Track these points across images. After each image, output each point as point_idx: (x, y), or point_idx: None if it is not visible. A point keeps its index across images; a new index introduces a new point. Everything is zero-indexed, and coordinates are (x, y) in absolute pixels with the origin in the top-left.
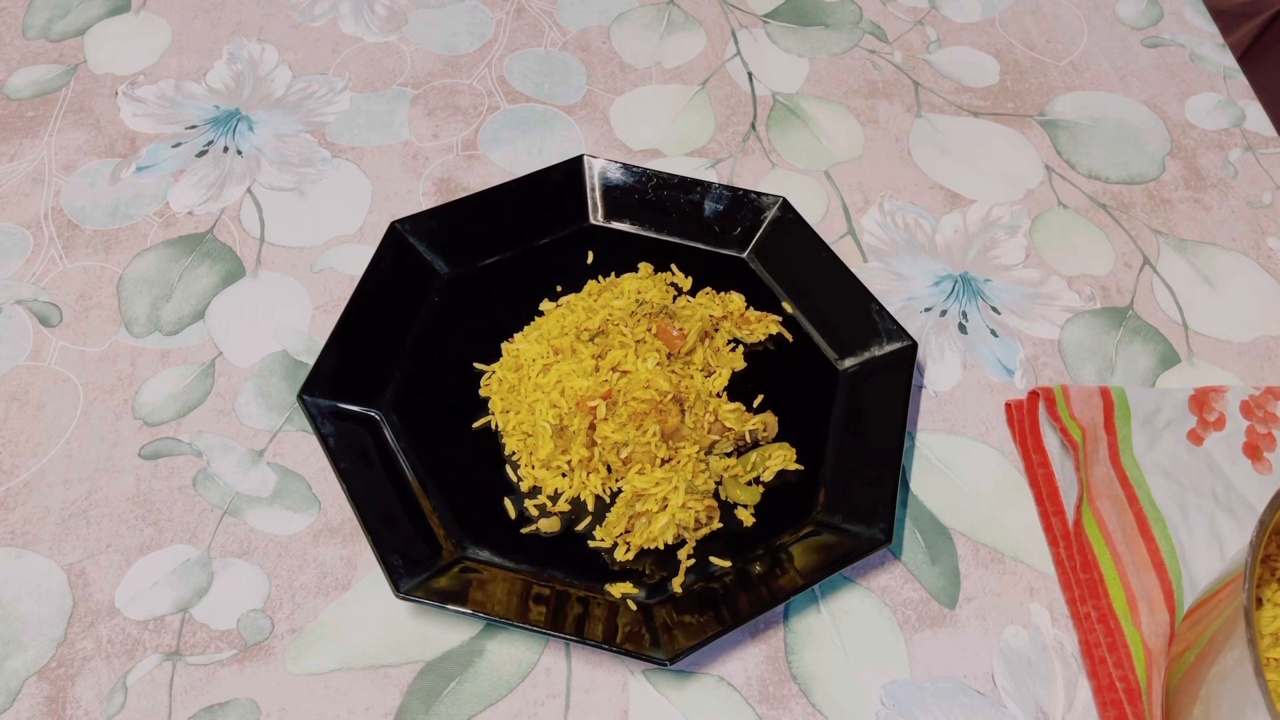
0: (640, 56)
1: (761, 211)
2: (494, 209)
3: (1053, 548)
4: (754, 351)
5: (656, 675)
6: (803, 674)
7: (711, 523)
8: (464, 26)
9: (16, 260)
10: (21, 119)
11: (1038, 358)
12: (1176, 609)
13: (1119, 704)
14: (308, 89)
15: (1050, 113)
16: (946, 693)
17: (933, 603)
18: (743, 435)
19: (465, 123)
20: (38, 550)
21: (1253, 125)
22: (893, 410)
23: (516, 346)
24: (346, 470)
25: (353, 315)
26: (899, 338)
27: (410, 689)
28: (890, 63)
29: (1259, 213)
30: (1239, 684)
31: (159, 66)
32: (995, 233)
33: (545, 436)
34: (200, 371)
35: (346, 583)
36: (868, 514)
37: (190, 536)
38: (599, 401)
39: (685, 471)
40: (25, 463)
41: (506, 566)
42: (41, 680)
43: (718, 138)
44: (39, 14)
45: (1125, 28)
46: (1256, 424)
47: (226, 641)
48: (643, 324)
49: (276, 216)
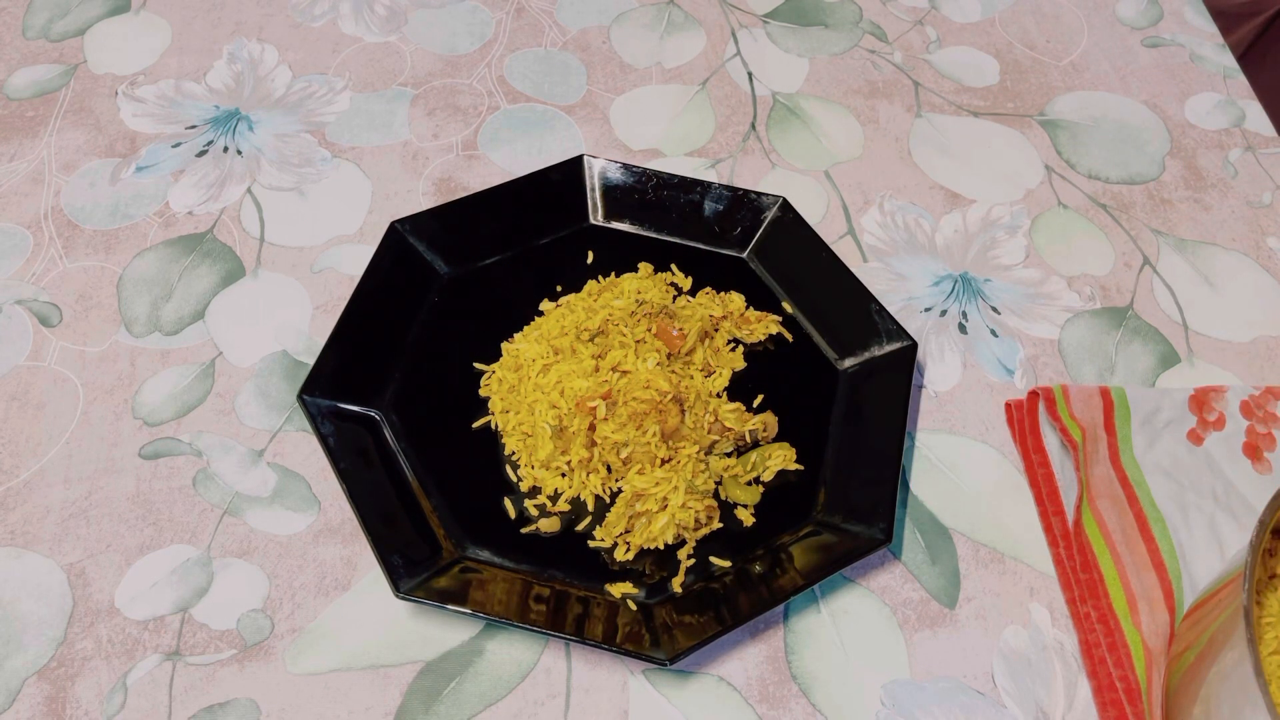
0: (640, 56)
1: (761, 211)
2: (494, 209)
3: (1053, 548)
4: (754, 351)
5: (656, 675)
6: (803, 674)
7: (711, 523)
8: (464, 26)
9: (16, 260)
10: (21, 119)
11: (1038, 358)
12: (1176, 609)
13: (1119, 704)
14: (308, 89)
15: (1050, 113)
16: (946, 693)
17: (933, 603)
18: (743, 435)
19: (465, 123)
20: (38, 550)
21: (1253, 125)
22: (893, 410)
23: (516, 346)
24: (346, 470)
25: (353, 315)
26: (899, 338)
27: (410, 689)
28: (890, 63)
29: (1259, 213)
30: (1239, 684)
31: (159, 66)
32: (995, 233)
33: (545, 437)
34: (200, 371)
35: (346, 583)
36: (868, 514)
37: (190, 536)
38: (599, 402)
39: (685, 471)
40: (25, 463)
41: (506, 566)
42: (41, 680)
43: (718, 138)
44: (39, 14)
45: (1125, 28)
46: (1256, 424)
47: (226, 641)
48: (643, 324)
49: (276, 216)
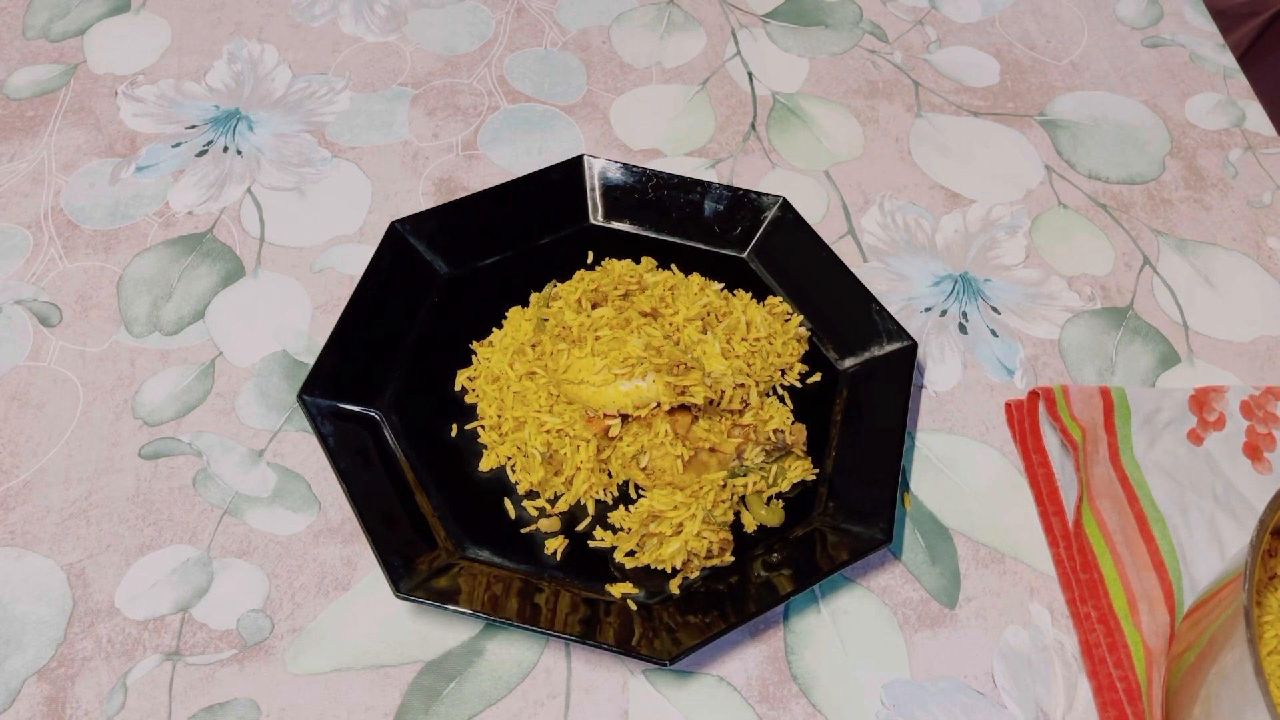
0: (640, 56)
1: (761, 211)
2: (494, 209)
3: (1053, 548)
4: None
5: (656, 675)
6: (803, 674)
7: (724, 555)
8: (464, 26)
9: (16, 260)
10: (21, 119)
11: (1038, 358)
12: (1176, 609)
13: (1119, 704)
14: (308, 89)
15: (1050, 113)
16: (946, 693)
17: (933, 603)
18: (779, 442)
19: (465, 123)
20: (38, 550)
21: (1253, 125)
22: (893, 410)
23: (487, 354)
24: (346, 470)
25: (353, 315)
26: (899, 338)
27: (410, 689)
28: (890, 63)
29: (1259, 213)
30: (1239, 684)
31: (159, 66)
32: (995, 233)
33: (536, 463)
34: (200, 371)
35: (346, 583)
36: (868, 514)
37: (190, 536)
38: (615, 421)
39: (705, 500)
40: (25, 463)
41: (506, 566)
42: (41, 680)
43: (718, 138)
44: (39, 14)
45: (1125, 28)
46: (1256, 424)
47: (226, 641)
48: (662, 421)
49: (276, 216)
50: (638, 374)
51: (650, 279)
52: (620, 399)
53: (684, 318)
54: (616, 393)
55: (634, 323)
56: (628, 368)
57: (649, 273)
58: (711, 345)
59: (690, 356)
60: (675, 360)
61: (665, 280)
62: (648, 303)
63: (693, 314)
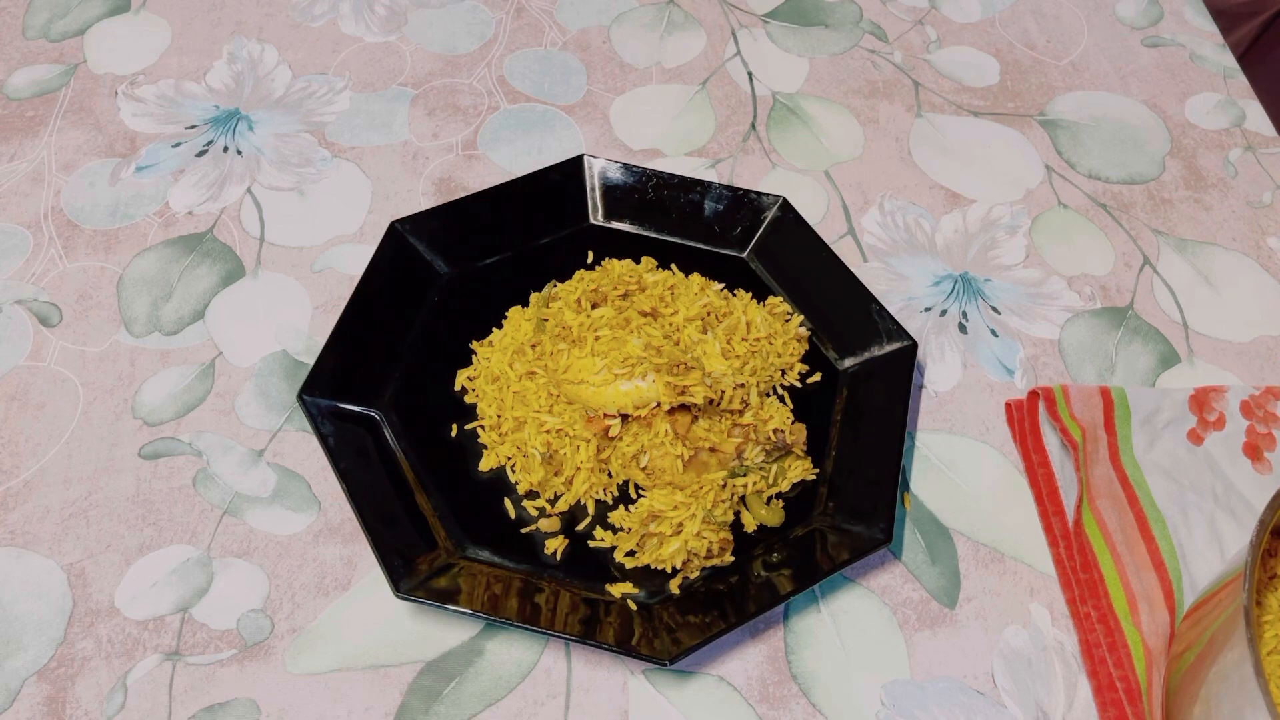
0: (640, 56)
1: (761, 211)
2: (494, 209)
3: (1053, 548)
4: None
5: (656, 675)
6: (803, 674)
7: (724, 555)
8: (464, 26)
9: (16, 260)
10: (21, 119)
11: (1038, 358)
12: (1176, 609)
13: (1119, 704)
14: (308, 89)
15: (1050, 113)
16: (946, 693)
17: (933, 603)
18: (778, 441)
19: (465, 123)
20: (38, 550)
21: (1253, 125)
22: (893, 410)
23: (486, 356)
24: (346, 470)
25: (353, 315)
26: (899, 337)
27: (410, 689)
28: (890, 63)
29: (1259, 213)
30: (1239, 684)
31: (159, 66)
32: (995, 233)
33: (536, 463)
34: (200, 371)
35: (346, 583)
36: (868, 514)
37: (190, 536)
38: (615, 421)
39: (705, 500)
40: (25, 463)
41: (506, 566)
42: (41, 680)
43: (718, 138)
44: (39, 14)
45: (1125, 27)
46: (1256, 424)
47: (226, 641)
48: (662, 421)
49: (276, 216)
50: (638, 374)
51: (650, 279)
52: (620, 399)
53: (684, 318)
54: (616, 393)
55: (634, 323)
56: (628, 368)
57: (649, 273)
58: (711, 345)
59: (690, 356)
60: (675, 360)
61: (665, 280)
62: (648, 303)
63: (693, 314)
